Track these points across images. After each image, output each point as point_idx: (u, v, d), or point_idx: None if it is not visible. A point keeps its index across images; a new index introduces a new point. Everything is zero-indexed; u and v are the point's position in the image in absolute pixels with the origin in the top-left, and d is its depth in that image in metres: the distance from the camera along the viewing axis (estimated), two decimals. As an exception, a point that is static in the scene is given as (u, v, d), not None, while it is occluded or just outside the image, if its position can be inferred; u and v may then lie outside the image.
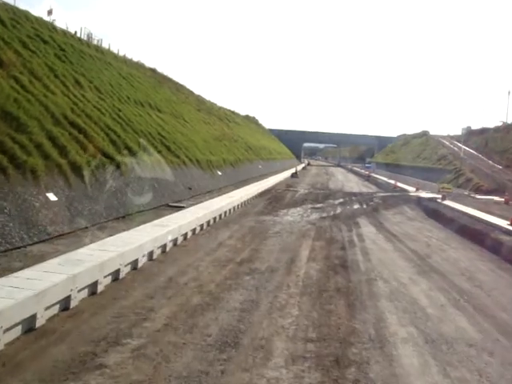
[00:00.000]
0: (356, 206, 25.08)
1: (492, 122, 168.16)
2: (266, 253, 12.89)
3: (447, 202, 25.26)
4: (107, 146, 17.36)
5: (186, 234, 14.24)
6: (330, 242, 15.17)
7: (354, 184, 47.97)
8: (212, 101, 64.93)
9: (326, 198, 28.21)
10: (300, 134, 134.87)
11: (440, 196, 27.51)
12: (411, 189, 34.71)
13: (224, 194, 24.11)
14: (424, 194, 29.78)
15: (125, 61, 38.00)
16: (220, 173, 30.67)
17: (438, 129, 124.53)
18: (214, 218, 17.79)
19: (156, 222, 13.84)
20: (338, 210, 23.34)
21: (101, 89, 23.93)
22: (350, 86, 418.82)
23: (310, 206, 24.60)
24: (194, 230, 15.07)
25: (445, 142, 74.45)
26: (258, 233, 16.10)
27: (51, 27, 26.83)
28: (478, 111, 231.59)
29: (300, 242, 14.89)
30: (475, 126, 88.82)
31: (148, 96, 32.37)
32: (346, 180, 55.38)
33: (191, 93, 55.14)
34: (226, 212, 19.64)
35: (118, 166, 16.78)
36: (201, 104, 53.33)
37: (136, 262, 10.41)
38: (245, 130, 72.79)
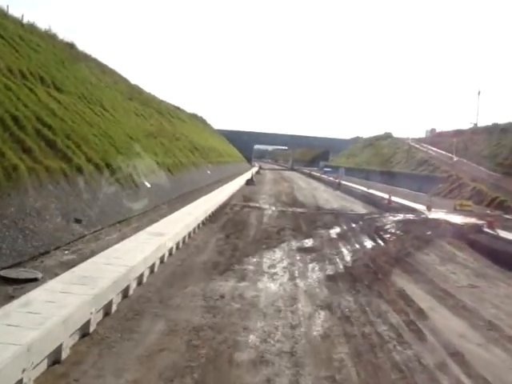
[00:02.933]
0: (369, 244, 15.33)
1: (455, 123, 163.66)
2: None
3: (506, 235, 15.98)
4: None
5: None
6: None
7: (326, 195, 38.40)
8: (154, 94, 54.42)
9: (312, 225, 18.45)
10: (250, 135, 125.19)
11: (483, 222, 18.34)
12: (417, 206, 25.42)
13: (149, 225, 13.86)
14: (452, 217, 20.51)
15: (21, 24, 27.03)
16: (149, 184, 20.31)
17: (395, 131, 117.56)
18: (107, 306, 7.60)
19: None
20: (347, 256, 13.47)
21: None
22: (300, 86, 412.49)
23: (294, 243, 14.74)
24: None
25: (415, 145, 66.56)
26: (213, 372, 6.06)
27: None
28: (439, 113, 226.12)
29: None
30: (437, 128, 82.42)
31: (44, 68, 21.63)
32: (312, 189, 45.83)
33: (124, 80, 44.36)
34: (140, 277, 9.46)
35: None
36: (135, 93, 42.59)
37: None
38: (191, 128, 62.56)
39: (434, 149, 60.09)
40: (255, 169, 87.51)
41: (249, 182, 46.65)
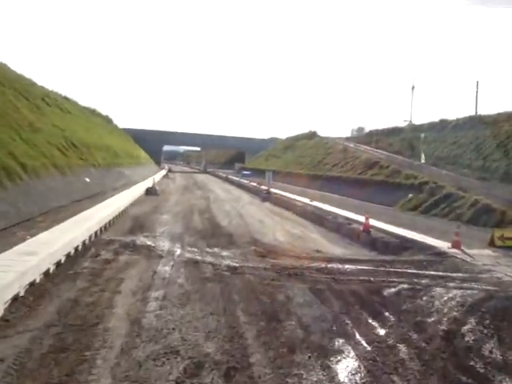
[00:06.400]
0: None
1: (383, 121, 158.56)
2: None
3: None
4: None
5: None
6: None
7: (257, 211, 27.14)
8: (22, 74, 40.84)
9: (279, 346, 6.94)
10: (158, 135, 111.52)
11: None
12: (425, 238, 14.94)
13: None
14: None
15: None
16: None
17: (318, 130, 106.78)
18: None
19: None
20: None
21: None
22: (214, 84, 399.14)
23: None
24: None
25: (349, 144, 57.37)
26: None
27: None
28: (365, 111, 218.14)
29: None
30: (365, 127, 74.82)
31: None
32: (234, 200, 34.47)
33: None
34: None
35: None
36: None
37: None
38: (79, 121, 49.43)
39: (373, 149, 51.12)
40: (162, 172, 75.40)
41: (149, 191, 34.98)
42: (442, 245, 14.08)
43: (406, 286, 9.34)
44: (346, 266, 11.31)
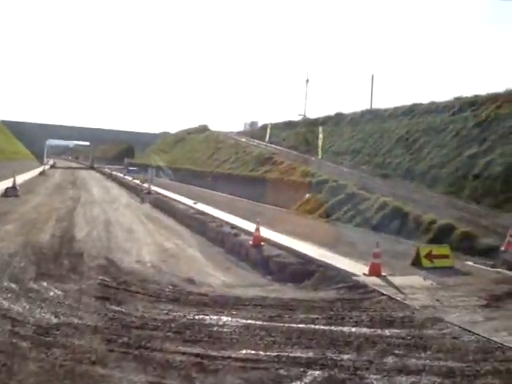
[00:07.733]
0: None
1: (277, 116, 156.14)
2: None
3: None
4: None
5: None
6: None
7: (130, 216, 22.69)
8: None
9: None
10: (41, 128, 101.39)
11: None
12: (341, 262, 11.37)
13: None
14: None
15: None
16: None
17: (211, 124, 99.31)
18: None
19: None
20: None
21: None
22: (106, 77, 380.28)
23: None
24: None
25: (241, 138, 54.05)
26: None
27: None
28: (259, 105, 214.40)
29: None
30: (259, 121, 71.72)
31: None
32: (109, 201, 29.57)
33: None
34: None
35: None
36: None
37: None
38: None
39: (266, 143, 48.13)
40: (39, 169, 67.58)
41: (7, 193, 29.13)
42: (356, 268, 10.57)
43: (318, 372, 5.38)
44: (225, 319, 7.29)
